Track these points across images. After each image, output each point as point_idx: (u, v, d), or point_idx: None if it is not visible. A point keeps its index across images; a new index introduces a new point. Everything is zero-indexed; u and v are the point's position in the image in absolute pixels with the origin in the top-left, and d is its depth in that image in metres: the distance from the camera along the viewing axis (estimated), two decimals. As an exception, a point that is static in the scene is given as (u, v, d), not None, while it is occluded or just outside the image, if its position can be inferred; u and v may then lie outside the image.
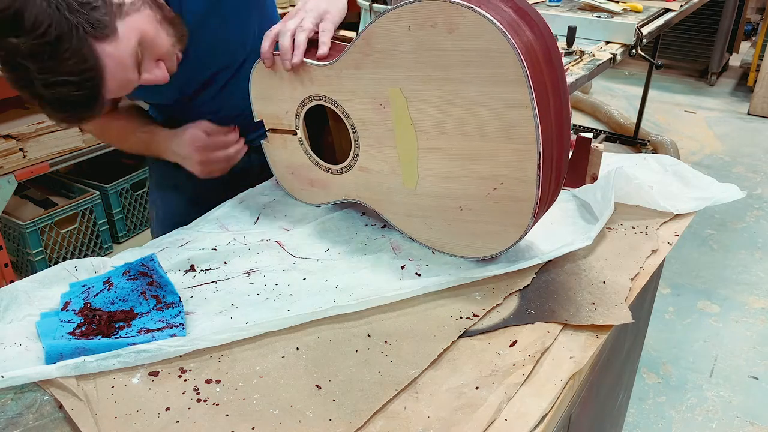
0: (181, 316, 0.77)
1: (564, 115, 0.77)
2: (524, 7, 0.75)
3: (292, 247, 0.94)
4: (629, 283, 0.84)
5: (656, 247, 0.92)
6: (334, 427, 0.63)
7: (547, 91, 0.73)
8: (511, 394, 0.67)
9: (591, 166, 1.05)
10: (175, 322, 0.76)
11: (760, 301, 2.44)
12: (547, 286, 0.84)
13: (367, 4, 3.18)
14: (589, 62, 1.93)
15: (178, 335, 0.74)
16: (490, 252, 0.85)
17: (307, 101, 0.94)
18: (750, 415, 1.92)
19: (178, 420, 0.64)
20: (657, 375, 2.09)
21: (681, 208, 1.00)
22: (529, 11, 0.76)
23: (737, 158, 3.63)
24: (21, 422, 0.65)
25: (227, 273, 0.88)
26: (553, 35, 0.77)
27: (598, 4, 2.45)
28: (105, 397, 0.67)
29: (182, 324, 0.76)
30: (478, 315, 0.78)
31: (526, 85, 0.70)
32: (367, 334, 0.76)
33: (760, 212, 3.07)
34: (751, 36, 5.49)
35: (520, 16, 0.74)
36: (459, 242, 0.87)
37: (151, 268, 0.82)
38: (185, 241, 0.95)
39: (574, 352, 0.73)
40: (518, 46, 0.69)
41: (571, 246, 0.88)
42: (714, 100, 4.55)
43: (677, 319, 2.35)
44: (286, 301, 0.81)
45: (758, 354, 2.17)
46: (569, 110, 0.78)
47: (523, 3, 0.76)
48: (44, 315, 0.78)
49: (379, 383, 0.68)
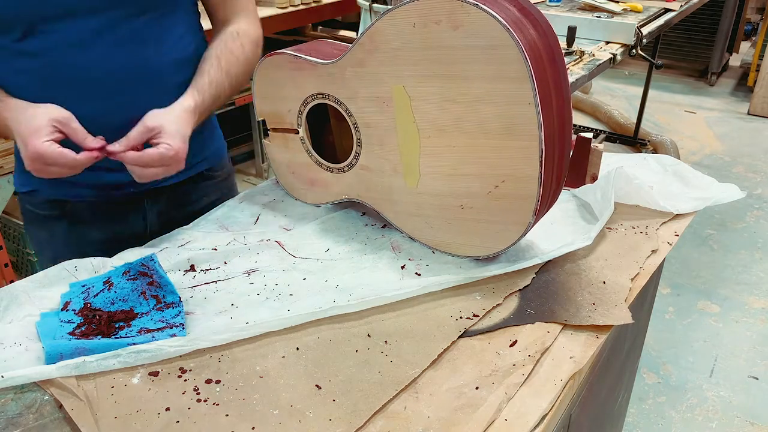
0: (181, 316, 0.77)
1: (566, 114, 0.78)
2: (527, 6, 0.76)
3: (292, 247, 0.94)
4: (629, 283, 0.84)
5: (656, 247, 0.92)
6: (334, 427, 0.63)
7: (550, 89, 0.74)
8: (511, 394, 0.67)
9: (591, 166, 1.05)
10: (174, 322, 0.76)
11: (760, 301, 2.44)
12: (547, 286, 0.84)
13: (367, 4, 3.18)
14: (589, 62, 1.93)
15: (178, 335, 0.74)
16: (490, 251, 0.85)
17: (310, 99, 0.94)
18: (750, 415, 1.92)
19: (179, 420, 0.64)
20: (657, 375, 2.09)
21: (681, 208, 1.00)
22: (533, 10, 0.76)
23: (737, 158, 3.63)
24: (21, 422, 0.65)
25: (227, 273, 0.88)
26: (555, 35, 0.77)
27: (598, 4, 2.45)
28: (105, 397, 0.67)
29: (182, 324, 0.76)
30: (478, 315, 0.78)
31: (529, 81, 0.70)
32: (367, 334, 0.76)
33: (760, 212, 3.07)
34: (751, 36, 5.49)
35: (524, 14, 0.74)
36: (459, 241, 0.87)
37: (151, 268, 0.82)
38: (185, 241, 0.96)
39: (574, 352, 0.73)
40: (522, 43, 0.70)
41: (571, 246, 0.89)
42: (714, 100, 4.55)
43: (677, 319, 2.35)
44: (286, 301, 0.81)
45: (758, 354, 2.17)
46: (571, 110, 0.79)
47: (527, 2, 0.76)
48: (44, 315, 0.78)
49: (379, 383, 0.68)
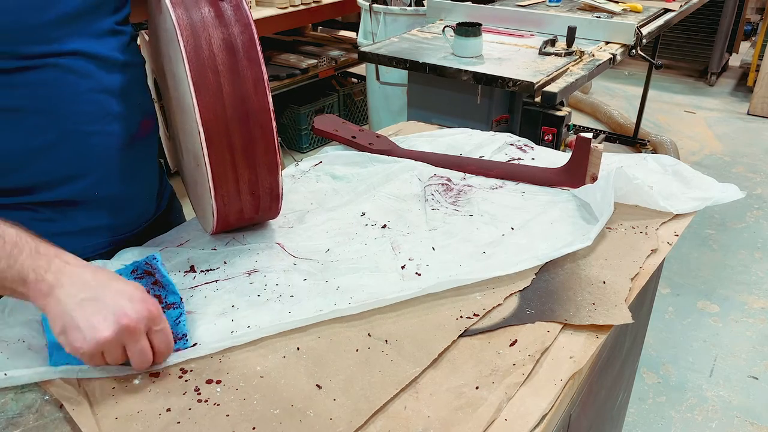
0: (183, 324, 0.76)
1: (253, 106, 0.81)
2: (226, 2, 0.82)
3: (292, 248, 0.94)
4: (629, 283, 0.84)
5: (656, 247, 0.92)
6: (335, 427, 0.63)
7: (218, 74, 0.78)
8: (511, 394, 0.67)
9: (591, 166, 1.05)
10: (178, 333, 0.74)
11: (760, 301, 2.44)
12: (547, 286, 0.84)
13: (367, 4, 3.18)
14: (588, 62, 1.93)
15: (182, 349, 0.72)
16: (207, 228, 0.95)
17: None
18: (750, 415, 1.92)
19: (179, 420, 0.64)
20: (657, 375, 2.09)
21: (681, 209, 1.00)
22: (230, 5, 0.81)
23: (737, 158, 3.63)
24: (21, 422, 0.65)
25: (227, 273, 0.88)
26: (253, 34, 0.81)
27: (597, 4, 2.45)
28: (106, 397, 0.67)
29: (185, 335, 0.74)
30: (479, 314, 0.79)
31: (182, 62, 0.76)
32: (368, 334, 0.76)
33: (760, 212, 3.07)
34: (751, 36, 5.49)
35: (215, 9, 0.80)
36: (200, 213, 0.97)
37: (154, 266, 0.82)
38: (184, 240, 0.96)
39: (574, 352, 0.73)
40: (181, 24, 0.77)
41: (570, 247, 0.89)
42: (714, 100, 4.55)
43: (677, 319, 2.35)
44: (287, 302, 0.81)
45: (758, 354, 2.17)
46: (266, 102, 0.82)
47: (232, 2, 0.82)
48: None
49: (379, 383, 0.68)
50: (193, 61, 0.76)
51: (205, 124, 0.78)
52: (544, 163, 1.17)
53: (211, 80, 0.78)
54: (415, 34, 2.25)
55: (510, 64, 1.88)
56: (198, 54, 0.77)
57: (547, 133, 1.80)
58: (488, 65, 1.87)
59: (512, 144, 1.26)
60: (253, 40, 0.80)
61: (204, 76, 0.77)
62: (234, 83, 0.79)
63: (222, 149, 0.80)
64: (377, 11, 3.01)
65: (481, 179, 1.13)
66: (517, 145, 1.25)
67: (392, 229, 0.97)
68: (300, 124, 3.56)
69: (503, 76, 1.77)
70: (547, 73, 1.79)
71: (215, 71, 0.78)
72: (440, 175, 1.13)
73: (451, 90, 2.00)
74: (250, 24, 0.81)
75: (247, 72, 0.80)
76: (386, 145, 1.21)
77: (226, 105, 0.79)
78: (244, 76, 0.80)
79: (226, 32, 0.79)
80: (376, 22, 3.01)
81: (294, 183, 1.12)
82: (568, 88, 1.76)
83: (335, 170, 1.15)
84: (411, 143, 1.25)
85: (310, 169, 1.17)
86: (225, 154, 0.81)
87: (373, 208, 1.03)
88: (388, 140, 1.23)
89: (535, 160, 1.20)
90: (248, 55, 0.80)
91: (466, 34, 1.91)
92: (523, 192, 1.08)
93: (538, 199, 1.06)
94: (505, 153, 1.23)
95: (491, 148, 1.22)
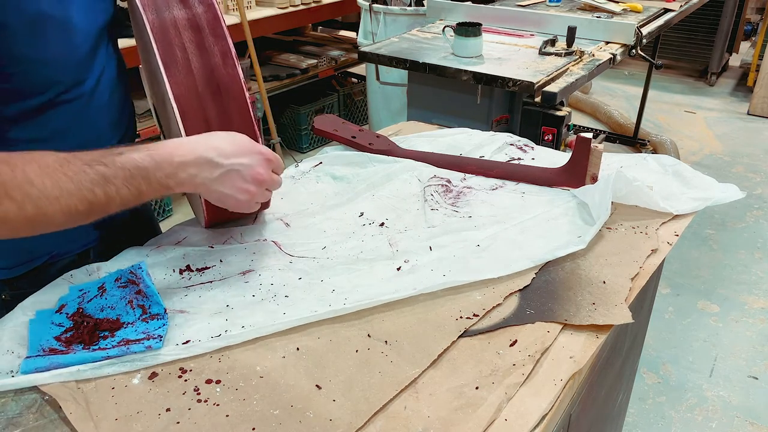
0: (163, 329, 0.75)
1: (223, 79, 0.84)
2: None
3: (289, 245, 0.93)
4: (629, 283, 0.84)
5: (656, 246, 0.92)
6: (335, 428, 0.63)
7: (185, 50, 0.83)
8: (511, 394, 0.67)
9: (591, 166, 1.05)
10: (154, 334, 0.74)
11: (760, 300, 2.44)
12: (547, 286, 0.84)
13: (367, 4, 3.18)
14: (588, 62, 1.93)
15: (154, 347, 0.72)
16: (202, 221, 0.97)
17: None
18: (750, 415, 1.92)
19: (179, 421, 0.64)
20: (657, 375, 2.09)
21: (681, 209, 1.00)
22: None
23: (737, 158, 3.63)
24: (21, 422, 0.65)
25: (222, 273, 0.88)
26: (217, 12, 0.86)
27: (598, 4, 2.45)
28: (105, 398, 0.67)
29: (160, 336, 0.73)
30: (478, 315, 0.78)
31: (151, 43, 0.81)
32: (367, 335, 0.76)
33: (760, 212, 3.07)
34: (751, 36, 5.49)
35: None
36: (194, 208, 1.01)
37: (138, 276, 0.80)
38: (181, 237, 0.95)
39: (574, 352, 0.73)
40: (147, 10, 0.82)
41: (565, 249, 0.89)
42: (714, 100, 4.55)
43: (677, 319, 2.35)
44: (282, 303, 0.81)
45: (758, 354, 2.17)
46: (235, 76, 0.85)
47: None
48: (39, 313, 0.77)
49: (379, 383, 0.68)
50: (160, 42, 0.82)
51: (177, 99, 0.81)
52: (544, 163, 1.17)
53: (179, 57, 0.82)
54: (415, 34, 2.25)
55: (510, 64, 1.88)
56: (165, 35, 0.83)
57: (547, 133, 1.80)
58: (488, 65, 1.87)
59: (512, 144, 1.26)
60: (218, 18, 0.85)
61: (172, 54, 0.82)
62: (202, 57, 0.84)
63: (198, 123, 0.83)
64: (377, 11, 3.01)
65: (480, 180, 1.13)
66: (517, 145, 1.25)
67: (390, 227, 0.97)
68: (300, 124, 3.56)
69: (503, 76, 1.77)
70: (547, 73, 1.79)
71: (182, 48, 0.82)
72: (440, 176, 1.13)
73: (451, 90, 2.00)
74: (213, 3, 0.87)
75: (214, 47, 0.84)
76: (386, 145, 1.21)
77: (197, 79, 0.83)
78: (211, 51, 0.84)
79: (190, 13, 0.85)
80: (376, 22, 3.01)
81: (294, 184, 1.12)
82: (568, 88, 1.76)
83: (335, 171, 1.15)
84: (411, 143, 1.25)
85: (311, 170, 1.17)
86: (201, 128, 0.83)
87: (371, 207, 1.03)
88: (388, 140, 1.23)
89: (535, 160, 1.20)
90: (214, 32, 0.85)
91: (466, 34, 1.91)
92: (523, 192, 1.08)
93: (538, 199, 1.05)
94: (505, 153, 1.23)
95: (491, 148, 1.22)
